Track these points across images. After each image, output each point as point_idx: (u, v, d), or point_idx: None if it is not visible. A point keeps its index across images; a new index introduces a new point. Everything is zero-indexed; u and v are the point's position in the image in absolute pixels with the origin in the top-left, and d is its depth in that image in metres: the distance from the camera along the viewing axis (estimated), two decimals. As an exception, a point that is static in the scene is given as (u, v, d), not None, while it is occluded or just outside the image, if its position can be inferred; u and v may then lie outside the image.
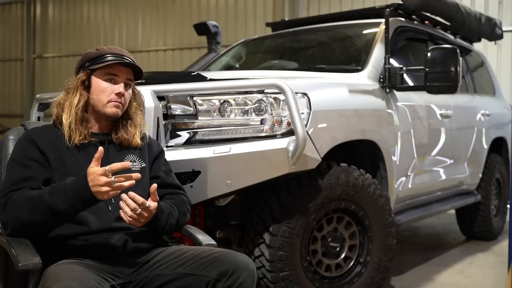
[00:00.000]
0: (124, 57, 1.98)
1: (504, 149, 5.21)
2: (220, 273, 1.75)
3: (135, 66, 2.00)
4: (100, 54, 1.96)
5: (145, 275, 1.83)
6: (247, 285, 1.76)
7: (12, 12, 13.48)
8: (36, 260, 1.64)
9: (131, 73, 2.02)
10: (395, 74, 3.31)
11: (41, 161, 1.86)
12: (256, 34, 8.49)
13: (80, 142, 1.91)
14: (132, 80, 2.04)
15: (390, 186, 3.22)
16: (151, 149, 2.10)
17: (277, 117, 2.54)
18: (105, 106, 1.94)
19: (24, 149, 1.89)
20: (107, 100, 1.94)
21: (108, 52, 1.96)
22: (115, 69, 1.96)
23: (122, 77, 1.97)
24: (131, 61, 1.99)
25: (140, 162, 2.03)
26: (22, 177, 1.82)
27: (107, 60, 1.94)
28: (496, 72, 6.59)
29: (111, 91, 1.94)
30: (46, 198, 1.72)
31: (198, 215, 2.69)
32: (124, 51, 2.02)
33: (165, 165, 2.13)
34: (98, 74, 1.96)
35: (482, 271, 3.94)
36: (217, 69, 4.45)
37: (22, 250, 1.67)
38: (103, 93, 1.94)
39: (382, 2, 7.75)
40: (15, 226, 1.76)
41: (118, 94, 1.94)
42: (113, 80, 1.96)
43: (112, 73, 1.96)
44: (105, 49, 1.98)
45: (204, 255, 1.82)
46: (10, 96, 13.34)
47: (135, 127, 2.03)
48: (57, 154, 1.88)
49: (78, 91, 1.94)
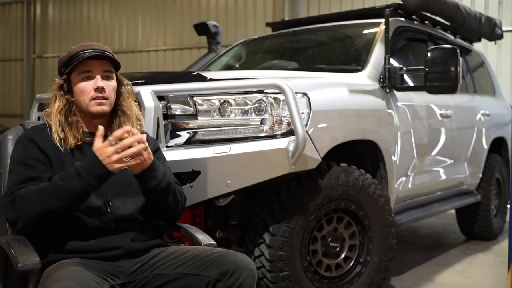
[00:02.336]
0: (94, 49, 1.91)
1: (504, 149, 5.21)
2: (220, 273, 1.75)
3: (105, 57, 1.92)
4: (71, 55, 1.92)
5: (145, 275, 1.83)
6: (248, 285, 1.75)
7: (12, 12, 13.47)
8: (35, 260, 1.64)
9: (107, 64, 1.95)
10: (395, 74, 3.31)
11: (44, 161, 1.86)
12: (256, 34, 8.50)
13: (76, 145, 1.90)
14: (112, 71, 1.98)
15: (390, 186, 3.22)
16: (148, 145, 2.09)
17: (277, 117, 2.54)
18: (89, 105, 1.91)
19: (26, 149, 1.88)
20: (88, 99, 1.91)
21: (77, 51, 1.91)
22: (88, 65, 1.91)
23: (97, 70, 1.92)
24: (100, 53, 1.91)
25: None
26: (28, 177, 1.81)
27: (77, 59, 1.89)
28: (496, 72, 6.59)
29: (90, 88, 1.91)
30: (60, 184, 1.72)
31: (198, 215, 2.69)
32: (94, 44, 1.96)
33: (162, 162, 2.12)
34: (74, 75, 1.93)
35: (482, 271, 3.93)
36: (217, 69, 4.45)
37: (21, 250, 1.67)
38: (83, 93, 1.91)
39: (382, 2, 7.75)
40: (28, 220, 1.75)
41: (97, 90, 1.90)
42: (89, 77, 1.92)
43: (85, 70, 1.91)
44: (75, 48, 1.94)
45: (204, 255, 1.82)
46: (10, 96, 13.34)
47: (130, 122, 2.00)
48: (57, 154, 1.88)
49: (57, 97, 1.93)
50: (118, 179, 1.92)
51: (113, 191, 1.91)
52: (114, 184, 1.90)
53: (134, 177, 1.88)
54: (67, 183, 1.72)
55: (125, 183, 1.95)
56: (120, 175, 1.92)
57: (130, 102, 2.04)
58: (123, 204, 1.92)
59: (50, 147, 1.88)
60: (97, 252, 1.81)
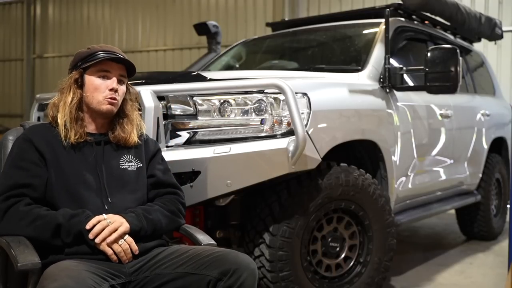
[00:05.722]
0: (116, 53, 1.99)
1: (504, 149, 5.21)
2: (221, 272, 1.75)
3: (126, 62, 2.01)
4: (92, 52, 1.98)
5: (146, 275, 1.83)
6: (248, 284, 1.76)
7: (12, 12, 13.48)
8: (35, 260, 1.64)
9: (123, 69, 2.03)
10: (395, 74, 3.31)
11: (38, 161, 1.87)
12: (256, 34, 8.50)
13: (76, 141, 1.91)
14: (125, 77, 2.05)
15: (390, 186, 3.22)
16: (148, 148, 2.10)
17: (277, 117, 2.54)
18: (100, 103, 1.95)
19: (21, 149, 1.89)
20: (102, 97, 1.95)
21: (99, 50, 1.98)
22: (107, 65, 1.98)
23: (115, 73, 1.99)
24: (123, 57, 2.00)
25: (136, 162, 2.02)
26: (19, 183, 1.83)
27: (99, 57, 1.95)
28: (496, 72, 6.59)
29: (105, 87, 1.96)
30: (61, 222, 1.77)
31: (198, 215, 2.69)
32: (116, 48, 2.03)
33: (161, 163, 2.13)
34: (91, 72, 1.97)
35: (482, 271, 3.93)
36: (217, 69, 4.45)
37: (21, 250, 1.67)
38: (97, 90, 1.95)
39: (382, 2, 7.76)
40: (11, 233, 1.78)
41: (112, 90, 1.95)
42: (106, 76, 1.97)
43: (104, 69, 1.97)
44: (96, 47, 2.00)
45: (205, 254, 1.82)
46: (10, 96, 13.34)
47: (131, 125, 2.03)
48: (54, 153, 1.89)
49: (72, 89, 1.96)
50: (117, 177, 1.93)
51: (112, 189, 1.92)
52: (112, 182, 1.92)
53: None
54: (67, 222, 1.78)
55: (123, 181, 1.95)
56: (118, 173, 1.93)
57: (133, 109, 2.08)
58: (122, 203, 1.92)
59: (47, 146, 1.89)
60: (97, 252, 1.80)
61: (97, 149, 1.96)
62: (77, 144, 1.92)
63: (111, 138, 2.00)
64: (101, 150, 1.96)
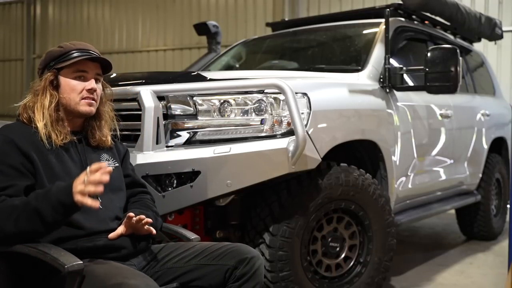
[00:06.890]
0: (90, 51, 1.91)
1: (504, 149, 5.21)
2: (238, 261, 1.85)
3: (102, 60, 1.93)
4: (65, 52, 1.88)
5: (156, 270, 1.87)
6: (261, 272, 1.89)
7: (12, 12, 13.48)
8: (77, 261, 1.60)
9: (99, 67, 1.95)
10: (395, 74, 3.31)
11: (21, 167, 1.74)
12: (256, 34, 8.50)
13: (62, 142, 1.84)
14: (101, 75, 1.98)
15: (390, 186, 3.22)
16: (118, 148, 2.09)
17: (277, 117, 2.54)
18: (78, 104, 1.88)
19: (2, 153, 1.76)
20: (79, 98, 1.88)
21: (73, 49, 1.89)
22: (83, 65, 1.89)
23: (92, 72, 1.91)
24: (98, 55, 1.93)
25: (113, 162, 2.01)
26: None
27: (74, 57, 1.86)
28: (496, 72, 6.59)
29: (82, 88, 1.88)
30: (32, 203, 1.65)
31: (198, 215, 2.70)
32: (89, 45, 1.96)
33: (131, 163, 2.15)
34: (66, 73, 1.88)
35: (482, 271, 3.93)
36: (217, 69, 4.45)
37: (58, 253, 1.62)
38: (74, 92, 1.88)
39: (382, 2, 7.76)
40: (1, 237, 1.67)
41: (89, 90, 1.89)
42: (82, 77, 1.90)
43: (80, 69, 1.89)
44: (69, 45, 1.91)
45: (216, 247, 1.91)
46: (10, 96, 13.33)
47: (108, 126, 2.00)
48: (41, 155, 1.80)
49: (48, 91, 1.86)
50: None
51: None
52: None
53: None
54: (38, 202, 1.65)
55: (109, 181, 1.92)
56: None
57: (108, 107, 2.04)
58: (111, 202, 1.91)
59: (32, 146, 1.79)
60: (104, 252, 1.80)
61: (80, 148, 1.92)
62: (63, 145, 1.86)
63: (91, 142, 1.95)
64: (82, 150, 1.92)
